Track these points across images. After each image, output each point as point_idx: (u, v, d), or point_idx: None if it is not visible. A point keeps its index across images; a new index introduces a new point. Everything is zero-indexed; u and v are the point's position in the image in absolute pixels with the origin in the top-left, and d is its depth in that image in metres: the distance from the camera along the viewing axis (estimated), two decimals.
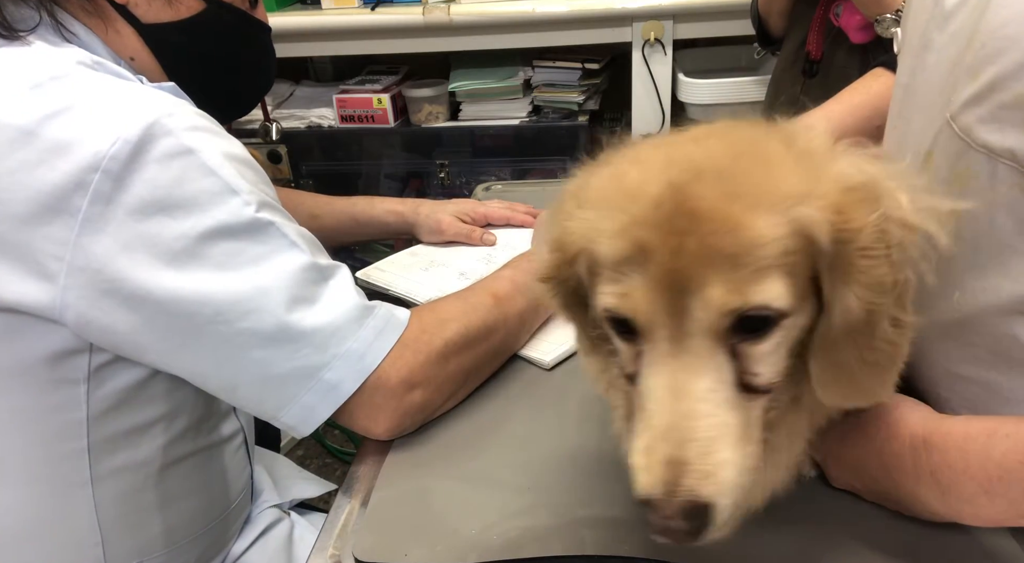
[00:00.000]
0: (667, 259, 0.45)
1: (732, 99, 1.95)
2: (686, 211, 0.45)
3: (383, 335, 0.74)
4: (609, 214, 0.48)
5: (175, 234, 0.66)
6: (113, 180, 0.64)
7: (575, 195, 0.52)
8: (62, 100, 0.66)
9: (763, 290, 0.45)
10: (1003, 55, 0.50)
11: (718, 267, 0.44)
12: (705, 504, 0.44)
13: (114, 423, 0.75)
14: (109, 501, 0.77)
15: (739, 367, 0.47)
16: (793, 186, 0.46)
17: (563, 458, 0.73)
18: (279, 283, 0.69)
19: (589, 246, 0.49)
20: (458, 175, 2.28)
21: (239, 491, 0.91)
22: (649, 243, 0.45)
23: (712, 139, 0.50)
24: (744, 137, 0.51)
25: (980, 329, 0.58)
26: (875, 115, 0.97)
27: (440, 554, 0.64)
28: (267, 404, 0.72)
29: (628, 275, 0.46)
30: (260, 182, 0.72)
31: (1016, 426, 0.53)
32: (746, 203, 0.45)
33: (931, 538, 0.61)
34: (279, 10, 2.10)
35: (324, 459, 2.19)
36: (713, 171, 0.46)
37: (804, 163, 0.48)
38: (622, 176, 0.49)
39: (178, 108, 0.68)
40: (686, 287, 0.45)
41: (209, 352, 0.69)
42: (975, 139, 0.53)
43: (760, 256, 0.44)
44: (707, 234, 0.44)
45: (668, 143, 0.52)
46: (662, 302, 0.46)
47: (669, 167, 0.47)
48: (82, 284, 0.66)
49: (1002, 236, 0.54)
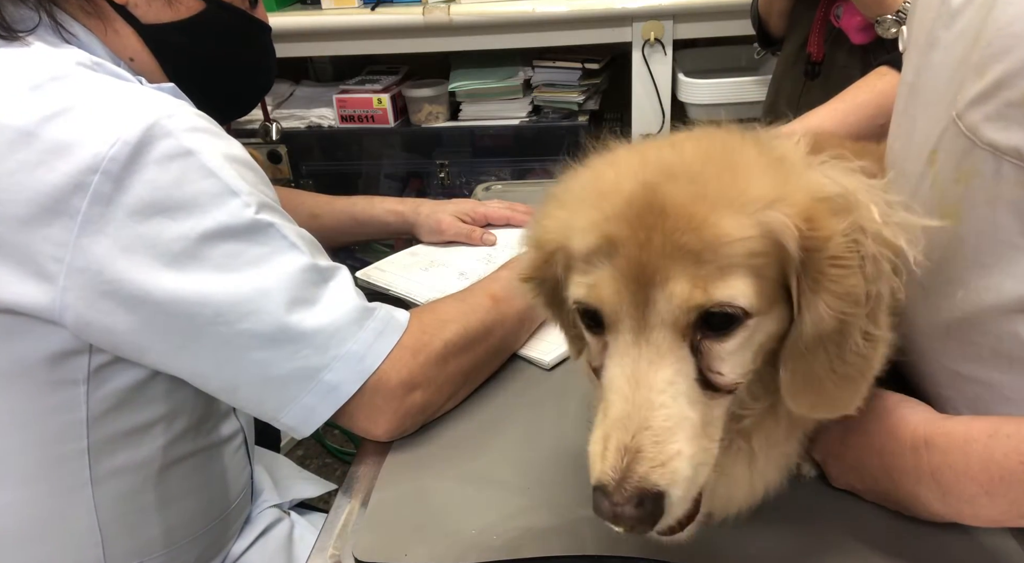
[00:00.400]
0: (634, 252, 0.46)
1: (732, 99, 1.95)
2: (655, 208, 0.46)
3: (383, 337, 0.74)
4: (583, 211, 0.49)
5: (175, 235, 0.66)
6: (113, 181, 0.64)
7: (555, 196, 0.54)
8: (61, 101, 0.66)
9: (727, 287, 0.46)
10: (1010, 53, 0.50)
11: (683, 262, 0.46)
12: (656, 492, 0.45)
13: (114, 424, 0.75)
14: (109, 502, 0.77)
15: (702, 364, 0.48)
16: (763, 191, 0.47)
17: (563, 458, 0.73)
18: (279, 284, 0.69)
19: (564, 242, 0.51)
20: (458, 175, 2.28)
21: (239, 491, 0.91)
22: (617, 236, 0.47)
23: (688, 143, 0.52)
24: (719, 143, 0.52)
25: (983, 328, 0.58)
26: (880, 113, 0.97)
27: (440, 554, 0.64)
28: (267, 405, 0.72)
29: (597, 267, 0.48)
30: (260, 183, 0.72)
31: (1017, 426, 0.53)
32: (713, 203, 0.46)
33: (931, 538, 0.60)
34: (279, 10, 2.10)
35: (324, 459, 2.19)
36: (685, 173, 0.48)
37: (777, 170, 0.49)
38: (598, 177, 0.51)
39: (178, 109, 0.68)
40: (651, 280, 0.46)
41: (209, 353, 0.69)
42: (981, 137, 0.53)
43: (725, 254, 0.46)
44: (673, 230, 0.46)
45: (645, 147, 0.54)
46: (627, 294, 0.47)
47: (643, 168, 0.49)
48: (82, 285, 0.66)
49: (1006, 235, 0.54)
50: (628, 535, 0.45)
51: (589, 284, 0.49)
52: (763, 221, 0.46)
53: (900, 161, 0.67)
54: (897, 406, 0.61)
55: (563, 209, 0.52)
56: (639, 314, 0.47)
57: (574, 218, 0.50)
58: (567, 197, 0.53)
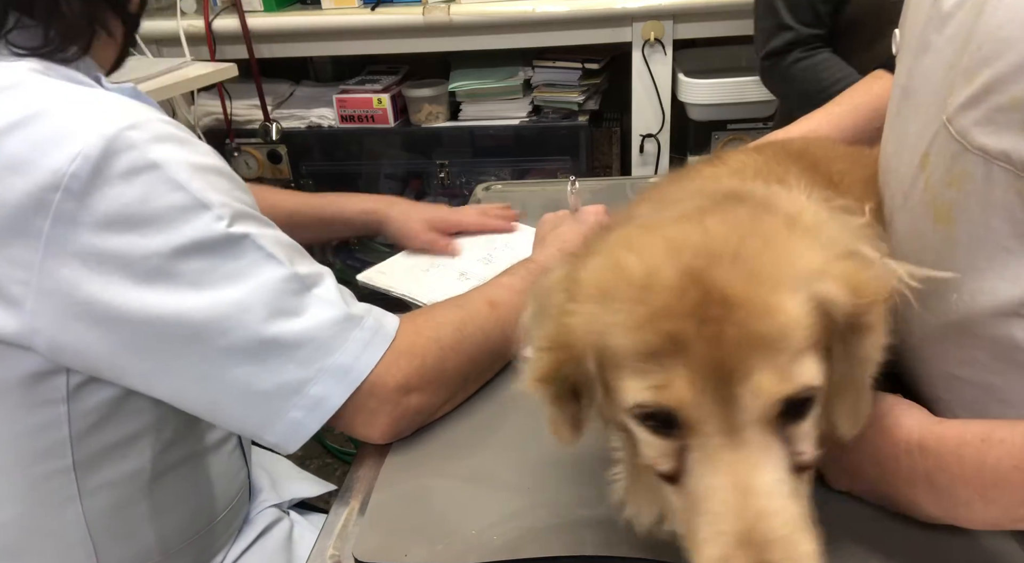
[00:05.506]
0: (705, 348, 0.43)
1: (732, 99, 1.96)
2: (715, 298, 0.43)
3: (370, 347, 0.72)
4: (621, 306, 0.46)
5: (145, 252, 0.63)
6: (76, 199, 0.61)
7: (564, 288, 0.50)
8: (16, 112, 0.62)
9: (806, 370, 0.44)
10: (999, 58, 0.50)
11: (761, 353, 0.43)
12: None
13: (99, 439, 0.73)
14: (99, 514, 0.75)
15: (789, 450, 0.46)
16: (806, 263, 0.46)
17: (563, 458, 0.73)
18: (258, 298, 0.66)
19: (600, 341, 0.47)
20: (458, 175, 2.28)
21: (235, 493, 0.91)
22: (682, 333, 0.44)
23: (708, 218, 0.48)
24: (737, 213, 0.49)
25: (977, 331, 0.58)
26: (876, 116, 0.97)
27: (440, 554, 0.64)
28: (251, 422, 0.70)
29: (663, 367, 0.44)
30: (234, 189, 0.69)
31: (1011, 430, 0.53)
32: (769, 285, 0.44)
33: (931, 539, 0.61)
34: (279, 10, 2.11)
35: (324, 459, 2.19)
36: (726, 254, 0.45)
37: (805, 236, 0.48)
38: (621, 265, 0.47)
39: (141, 117, 0.65)
40: (730, 376, 0.43)
41: (189, 372, 0.67)
42: (971, 141, 0.53)
43: (796, 337, 0.44)
44: (743, 320, 0.43)
45: (657, 227, 0.50)
46: (708, 393, 0.44)
47: (675, 252, 0.46)
48: (51, 309, 0.63)
49: (998, 238, 0.54)
50: (628, 535, 0.44)
51: (657, 386, 0.45)
52: (815, 295, 0.45)
53: (893, 164, 0.67)
54: (892, 409, 0.61)
55: (590, 304, 0.48)
56: (723, 412, 0.44)
57: (610, 314, 0.46)
58: (588, 290, 0.48)
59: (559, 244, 0.97)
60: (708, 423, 0.45)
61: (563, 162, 2.19)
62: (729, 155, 0.75)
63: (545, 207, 1.13)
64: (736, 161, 0.72)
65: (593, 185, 1.40)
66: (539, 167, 2.23)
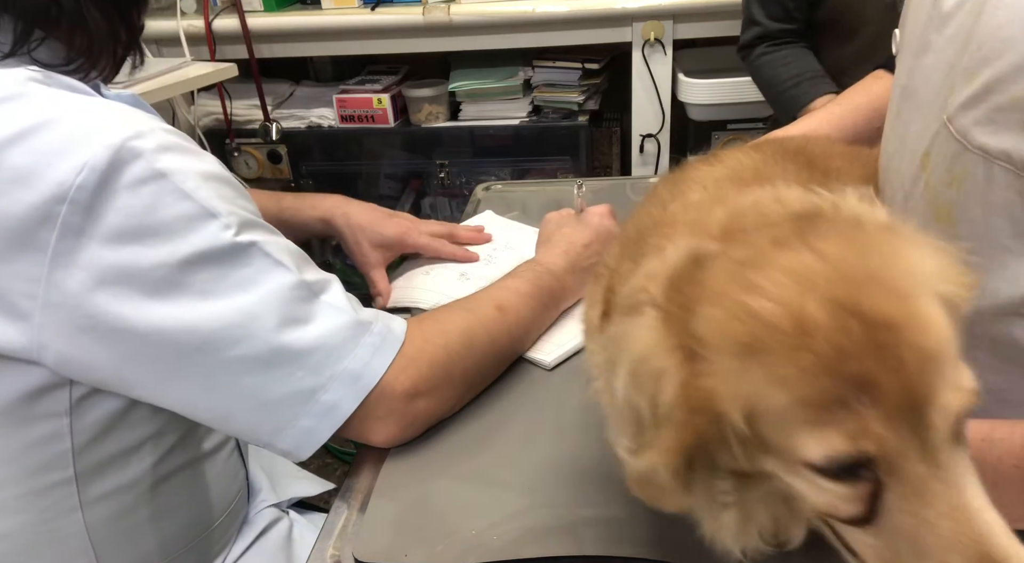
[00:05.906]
0: (893, 379, 0.41)
1: (732, 99, 1.96)
2: (880, 324, 0.41)
3: (380, 352, 0.72)
4: (778, 358, 0.42)
5: (153, 263, 0.63)
6: (82, 211, 0.60)
7: (671, 348, 0.46)
8: (19, 124, 0.61)
9: (969, 378, 0.43)
10: (999, 58, 0.50)
11: (937, 371, 0.41)
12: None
13: (100, 450, 0.72)
14: (100, 523, 0.75)
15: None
16: (926, 267, 0.45)
17: (563, 459, 0.73)
18: (267, 306, 0.66)
19: (753, 399, 0.43)
20: (458, 175, 2.28)
21: (234, 495, 0.91)
22: (865, 371, 0.41)
23: (816, 244, 0.44)
24: (838, 232, 0.46)
25: (977, 331, 0.58)
26: (876, 117, 0.97)
27: (440, 554, 0.64)
28: (262, 430, 0.70)
29: (851, 411, 0.41)
30: (239, 198, 0.69)
31: (1011, 430, 0.53)
32: (915, 297, 0.42)
33: None
34: (279, 10, 2.11)
35: (324, 459, 2.19)
36: (860, 277, 0.42)
37: (907, 241, 0.46)
38: (754, 312, 0.43)
39: (145, 127, 0.64)
40: (915, 403, 0.41)
41: (199, 383, 0.67)
42: (971, 141, 0.53)
43: (952, 345, 0.43)
44: (914, 340, 0.41)
45: (761, 263, 0.45)
46: (903, 426, 0.41)
47: (808, 287, 0.42)
48: (59, 322, 0.62)
49: (998, 238, 0.54)
50: (628, 535, 0.43)
51: (851, 434, 0.41)
52: (943, 297, 0.44)
53: (894, 164, 0.67)
54: None
55: (729, 360, 0.44)
56: (918, 441, 0.42)
57: (765, 368, 0.42)
58: (721, 347, 0.44)
59: (564, 246, 0.97)
60: (907, 457, 0.42)
61: (563, 162, 2.19)
62: (726, 153, 0.75)
63: (545, 207, 1.13)
64: (733, 159, 0.72)
65: (593, 185, 1.41)
66: (539, 167, 2.23)
